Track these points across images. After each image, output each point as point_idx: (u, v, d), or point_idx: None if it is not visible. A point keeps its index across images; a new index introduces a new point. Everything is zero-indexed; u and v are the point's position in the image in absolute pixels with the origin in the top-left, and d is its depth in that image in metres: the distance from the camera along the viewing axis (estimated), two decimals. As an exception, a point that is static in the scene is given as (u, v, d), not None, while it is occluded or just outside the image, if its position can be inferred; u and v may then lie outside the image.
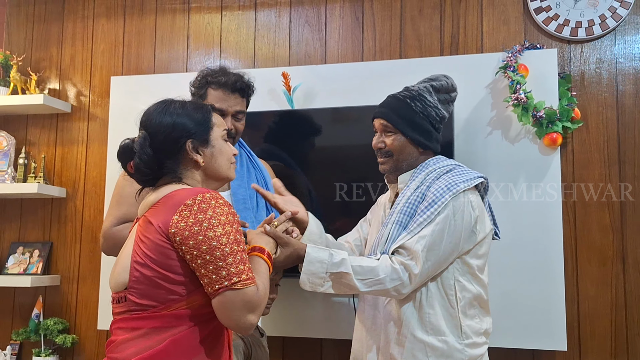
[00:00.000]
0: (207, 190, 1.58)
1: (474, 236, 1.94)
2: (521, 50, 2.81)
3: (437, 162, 2.05)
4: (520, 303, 2.71)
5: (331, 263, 1.84)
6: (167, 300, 1.52)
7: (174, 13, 3.35)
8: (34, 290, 3.29)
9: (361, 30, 3.13)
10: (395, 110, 2.06)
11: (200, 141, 1.67)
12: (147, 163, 1.64)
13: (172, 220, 1.52)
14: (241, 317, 1.50)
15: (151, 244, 1.53)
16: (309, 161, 2.89)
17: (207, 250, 1.49)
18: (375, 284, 1.85)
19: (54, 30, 3.50)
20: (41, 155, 3.35)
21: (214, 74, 2.31)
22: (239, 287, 1.49)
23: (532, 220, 2.74)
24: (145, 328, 1.52)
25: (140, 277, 1.53)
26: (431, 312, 1.92)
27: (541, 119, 2.70)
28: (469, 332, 1.93)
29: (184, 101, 1.74)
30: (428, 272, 1.88)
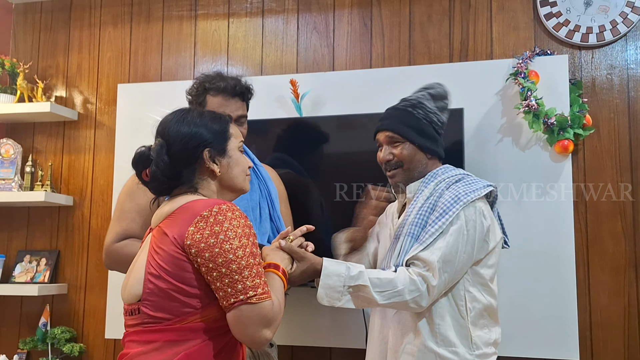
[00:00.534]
0: (223, 202, 1.56)
1: (486, 245, 1.95)
2: (531, 57, 2.78)
3: (446, 172, 2.04)
4: (532, 312, 2.68)
5: (349, 276, 1.83)
6: (181, 313, 1.50)
7: (181, 20, 3.33)
8: (41, 298, 3.27)
9: (369, 37, 3.11)
10: (399, 119, 2.06)
11: (218, 151, 1.65)
12: (163, 171, 1.61)
13: (187, 231, 1.50)
14: (256, 332, 1.48)
15: (166, 255, 1.51)
16: (317, 169, 2.87)
17: (222, 263, 1.47)
18: (393, 296, 1.84)
19: (60, 38, 3.49)
20: (48, 164, 3.34)
21: (211, 80, 2.28)
22: (255, 301, 1.47)
23: (544, 227, 2.71)
24: (159, 341, 1.50)
25: (155, 289, 1.51)
26: (441, 323, 1.91)
27: (552, 125, 2.68)
28: (479, 342, 1.93)
29: (201, 111, 1.74)
30: (445, 283, 1.88)
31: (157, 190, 1.67)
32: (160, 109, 2.93)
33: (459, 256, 1.88)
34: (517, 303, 2.69)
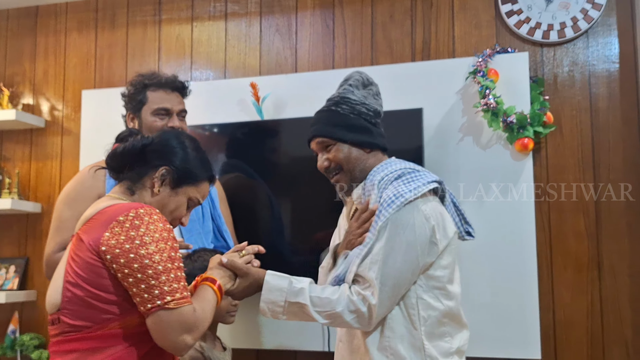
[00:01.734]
0: (141, 206, 1.54)
1: (435, 247, 1.77)
2: (491, 55, 2.76)
3: (387, 167, 1.88)
4: (495, 312, 2.67)
5: (290, 292, 1.75)
6: (101, 320, 1.48)
7: (145, 25, 3.33)
8: (10, 306, 3.28)
9: (332, 38, 3.09)
10: (325, 122, 1.93)
11: (173, 180, 1.65)
12: (123, 155, 1.66)
13: (103, 237, 1.48)
14: (176, 338, 1.47)
15: (82, 262, 1.50)
16: (274, 172, 2.86)
17: (138, 269, 1.45)
18: (333, 317, 1.74)
19: (27, 44, 3.49)
20: (15, 171, 3.34)
21: (150, 76, 2.31)
22: (173, 306, 1.45)
23: (505, 227, 2.69)
24: (79, 350, 1.48)
25: (73, 297, 1.49)
26: (391, 336, 1.76)
27: (512, 124, 2.66)
28: (435, 354, 1.76)
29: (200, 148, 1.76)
30: (389, 297, 1.73)
31: (110, 168, 1.70)
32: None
33: (400, 265, 1.73)
34: (479, 303, 2.67)
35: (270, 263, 2.09)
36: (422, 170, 1.89)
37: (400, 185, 1.80)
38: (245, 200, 2.84)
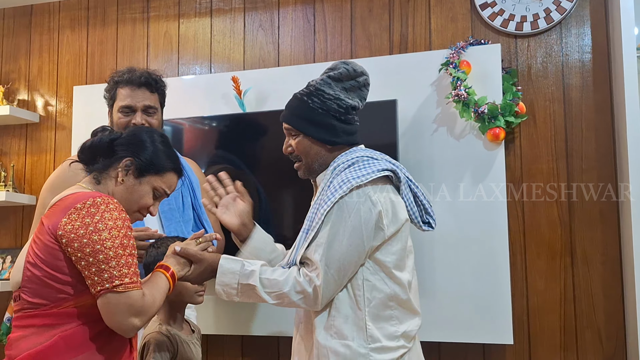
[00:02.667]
0: (99, 195, 1.65)
1: (381, 232, 1.81)
2: (464, 47, 2.82)
3: (345, 156, 1.92)
4: (469, 298, 2.72)
5: (242, 274, 1.82)
6: (56, 299, 1.59)
7: (134, 22, 3.43)
8: (7, 294, 3.40)
9: (313, 32, 3.17)
10: (294, 111, 1.96)
11: (137, 169, 1.76)
12: (92, 148, 1.79)
13: (60, 222, 1.59)
14: (123, 320, 1.58)
15: (42, 245, 1.61)
16: (259, 163, 2.95)
17: (90, 253, 1.56)
18: (281, 297, 1.81)
19: (22, 42, 3.61)
20: (11, 164, 3.46)
21: (120, 73, 2.39)
22: (121, 290, 1.56)
23: (477, 216, 2.75)
24: (36, 326, 1.59)
25: (32, 276, 1.61)
26: (336, 315, 1.82)
27: (483, 114, 2.72)
28: (378, 335, 1.81)
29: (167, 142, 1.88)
30: (334, 279, 1.78)
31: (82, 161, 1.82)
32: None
33: (345, 248, 1.78)
34: (453, 289, 2.74)
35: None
36: (380, 159, 1.92)
37: (350, 172, 1.84)
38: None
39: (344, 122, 1.95)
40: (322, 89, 1.94)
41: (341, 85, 1.96)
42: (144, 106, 2.36)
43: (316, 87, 1.95)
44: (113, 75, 2.41)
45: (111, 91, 2.39)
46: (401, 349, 1.84)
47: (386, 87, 2.86)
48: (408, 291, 1.88)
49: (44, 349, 1.56)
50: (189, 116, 3.06)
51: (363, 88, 2.00)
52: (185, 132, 3.06)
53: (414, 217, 1.98)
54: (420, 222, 2.01)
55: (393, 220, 1.84)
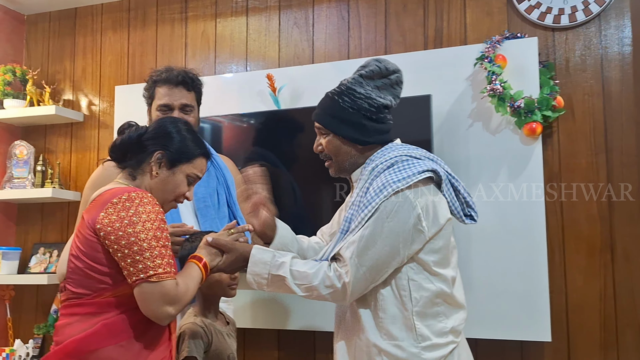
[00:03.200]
0: (134, 190, 1.72)
1: (422, 234, 1.79)
2: (500, 41, 2.79)
3: (383, 155, 1.89)
4: (506, 295, 2.70)
5: (273, 265, 1.85)
6: (97, 289, 1.67)
7: (173, 22, 3.51)
8: (54, 287, 3.52)
9: (347, 29, 3.18)
10: (325, 109, 1.95)
11: (169, 160, 1.81)
12: (120, 146, 1.84)
13: (98, 216, 1.67)
14: (158, 308, 1.64)
15: (82, 238, 1.70)
16: (294, 159, 2.98)
17: (125, 245, 1.63)
18: (310, 290, 1.82)
19: (67, 44, 3.73)
20: (57, 162, 3.58)
21: (158, 73, 2.43)
22: (155, 279, 1.62)
23: (515, 211, 2.72)
24: (80, 314, 1.68)
25: (75, 268, 1.70)
26: (384, 317, 1.82)
27: (519, 108, 2.68)
28: (428, 333, 1.80)
29: (191, 129, 1.92)
30: (365, 278, 1.79)
31: (114, 159, 1.87)
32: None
33: (378, 250, 1.77)
34: (488, 286, 2.72)
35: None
36: (421, 157, 1.90)
37: (390, 174, 1.82)
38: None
39: (375, 121, 1.93)
40: (353, 88, 1.93)
41: (373, 84, 1.93)
42: (181, 104, 2.41)
43: (347, 86, 1.94)
44: (152, 75, 2.46)
45: (150, 90, 2.45)
46: (451, 345, 1.83)
47: (420, 83, 2.85)
48: (452, 286, 1.87)
49: (88, 335, 1.64)
50: (226, 113, 3.11)
51: (395, 86, 1.97)
52: (222, 130, 3.12)
53: (455, 211, 1.95)
54: (462, 215, 1.99)
55: (434, 222, 1.82)
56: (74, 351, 1.65)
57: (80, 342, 1.65)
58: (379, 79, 1.94)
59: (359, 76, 1.95)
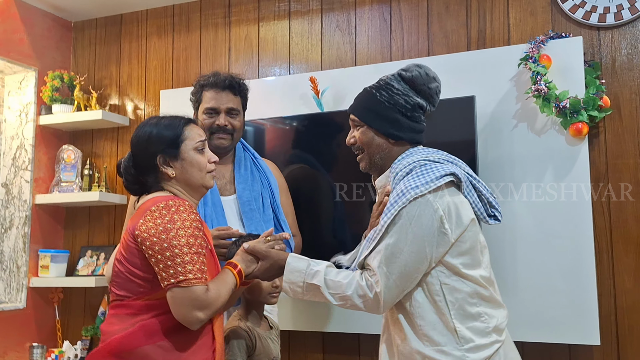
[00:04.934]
0: (172, 198, 1.79)
1: (446, 237, 1.80)
2: (544, 41, 2.77)
3: (404, 159, 1.91)
4: (553, 297, 2.67)
5: (307, 274, 1.86)
6: (137, 292, 1.76)
7: (217, 27, 3.56)
8: (101, 289, 3.59)
9: (389, 31, 3.19)
10: (362, 102, 1.99)
11: (170, 155, 1.86)
12: (130, 182, 1.91)
13: (138, 224, 1.74)
14: (188, 313, 1.70)
15: (125, 244, 1.78)
16: (335, 162, 2.99)
17: (159, 251, 1.70)
18: (344, 299, 1.83)
19: (113, 50, 3.81)
20: (103, 166, 3.66)
21: (206, 77, 2.50)
22: (185, 285, 1.68)
23: (561, 212, 2.69)
24: (122, 314, 1.77)
25: (118, 272, 1.79)
26: (422, 324, 1.81)
27: (565, 109, 2.66)
28: (470, 335, 1.79)
29: (160, 117, 1.94)
30: (396, 285, 1.78)
31: (133, 193, 1.95)
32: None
33: (406, 256, 1.77)
34: (534, 287, 2.69)
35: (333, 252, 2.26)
36: (439, 160, 1.90)
37: (409, 180, 1.83)
38: (308, 190, 3.00)
39: (409, 119, 1.95)
40: (391, 84, 1.96)
41: (413, 87, 1.96)
42: (227, 108, 2.46)
43: (386, 82, 1.97)
44: (199, 79, 2.52)
45: (197, 94, 2.51)
46: (495, 344, 1.82)
47: (464, 84, 2.84)
48: (487, 286, 1.86)
49: (127, 335, 1.73)
50: (269, 117, 3.14)
51: (435, 95, 1.99)
52: (265, 132, 3.15)
53: (479, 212, 1.95)
54: (486, 216, 1.98)
55: (457, 223, 1.82)
56: (115, 349, 1.73)
57: (120, 341, 1.73)
58: (419, 85, 1.96)
59: (399, 75, 1.99)
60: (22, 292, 3.50)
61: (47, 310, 3.66)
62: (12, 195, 3.58)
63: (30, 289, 3.53)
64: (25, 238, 3.52)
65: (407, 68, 1.99)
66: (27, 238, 3.53)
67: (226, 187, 2.52)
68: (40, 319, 3.61)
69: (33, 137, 3.59)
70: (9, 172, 3.61)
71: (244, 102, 2.55)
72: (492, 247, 2.04)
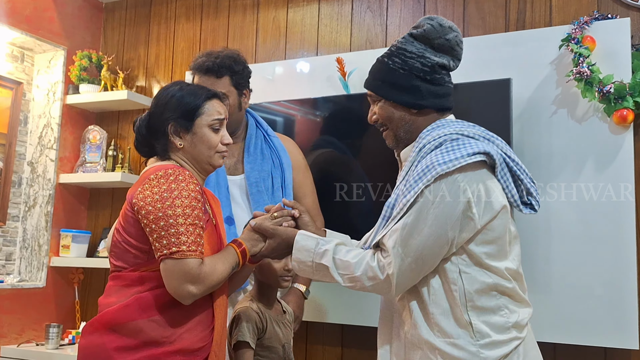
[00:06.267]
0: (172, 167, 1.68)
1: (471, 222, 1.62)
2: (589, 22, 2.58)
3: (434, 130, 1.71)
4: (589, 297, 2.48)
5: (316, 253, 1.73)
6: (134, 264, 1.68)
7: (245, 9, 3.47)
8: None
9: (422, 12, 3.04)
10: (375, 74, 1.81)
11: (182, 126, 1.76)
12: (140, 143, 1.83)
13: (136, 192, 1.65)
14: (179, 286, 1.60)
15: (123, 213, 1.70)
16: (361, 146, 2.86)
17: (153, 220, 1.60)
18: (353, 281, 1.68)
19: (142, 31, 3.76)
20: (127, 147, 3.60)
21: (196, 59, 2.35)
22: (178, 256, 1.58)
23: (601, 206, 2.50)
24: (118, 285, 1.69)
25: (116, 241, 1.71)
26: (436, 312, 1.65)
27: (609, 94, 2.47)
28: (486, 329, 1.62)
29: (186, 84, 1.83)
30: (411, 269, 1.62)
31: (143, 154, 1.87)
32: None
33: (424, 238, 1.60)
34: (569, 286, 2.51)
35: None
36: (474, 136, 1.70)
37: (437, 155, 1.64)
38: (335, 174, 2.87)
39: (430, 83, 1.74)
40: (403, 47, 1.76)
41: (428, 44, 1.76)
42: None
43: (397, 47, 1.77)
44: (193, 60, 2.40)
45: (192, 78, 2.38)
46: (514, 341, 1.64)
47: (499, 66, 2.69)
48: (512, 279, 1.68)
49: (121, 307, 1.64)
50: (294, 98, 3.03)
51: (455, 47, 1.77)
52: (291, 115, 3.04)
53: (513, 199, 1.73)
54: (520, 203, 1.76)
55: (486, 209, 1.63)
56: (109, 322, 1.65)
57: (115, 314, 1.65)
58: (434, 39, 1.75)
59: (409, 35, 1.78)
60: (43, 271, 3.46)
61: (67, 290, 3.62)
62: (37, 173, 3.55)
63: (51, 268, 3.50)
64: (47, 217, 3.49)
65: (418, 24, 1.79)
66: (50, 217, 3.49)
67: (236, 166, 2.40)
68: (60, 298, 3.57)
69: (59, 116, 3.55)
70: (34, 151, 3.58)
71: (236, 82, 2.33)
72: (523, 241, 1.85)
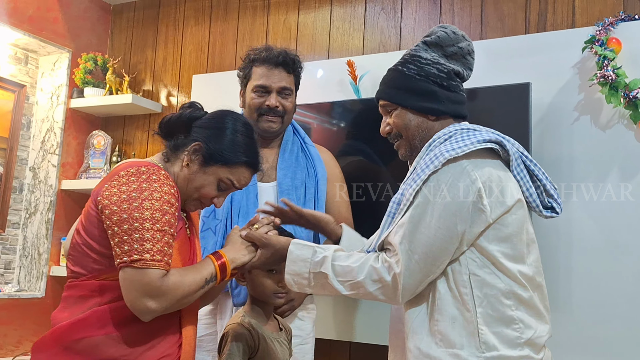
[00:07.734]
0: (146, 164, 1.52)
1: (482, 215, 1.49)
2: (614, 23, 2.43)
3: (442, 131, 1.65)
4: (614, 318, 2.32)
5: (313, 262, 1.60)
6: (93, 270, 1.49)
7: (255, 11, 3.36)
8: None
9: (438, 14, 2.90)
10: (389, 83, 1.74)
11: (204, 157, 1.60)
12: (171, 123, 1.65)
13: (102, 188, 1.48)
14: (136, 299, 1.41)
15: (86, 211, 1.52)
16: (371, 149, 2.71)
17: (116, 222, 1.42)
18: (356, 287, 1.56)
19: (149, 34, 3.67)
20: (132, 153, 3.49)
21: (257, 51, 2.24)
22: (138, 265, 1.40)
23: (627, 219, 2.34)
24: (75, 297, 1.51)
25: (75, 244, 1.53)
26: (440, 318, 1.51)
27: (635, 100, 2.30)
28: (494, 342, 1.48)
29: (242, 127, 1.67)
30: (419, 268, 1.50)
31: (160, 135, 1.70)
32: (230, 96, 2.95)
33: (432, 231, 1.49)
34: (592, 306, 2.36)
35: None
36: (484, 130, 1.63)
37: (445, 145, 1.56)
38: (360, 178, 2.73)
39: (446, 89, 1.68)
40: (418, 55, 1.71)
41: (441, 52, 1.71)
42: (279, 87, 2.21)
43: (411, 54, 1.72)
44: (249, 53, 2.28)
45: (246, 69, 2.27)
46: None
47: (518, 70, 2.54)
48: (529, 288, 1.53)
49: (76, 321, 1.47)
50: (305, 103, 2.90)
51: (467, 56, 1.73)
52: (306, 123, 2.91)
53: (531, 199, 1.62)
54: (539, 204, 1.64)
55: (499, 201, 1.52)
56: (61, 338, 1.46)
57: (67, 329, 1.46)
58: (447, 47, 1.70)
59: (423, 43, 1.72)
60: (42, 280, 3.35)
61: (67, 301, 3.50)
62: (38, 179, 3.46)
63: (51, 277, 3.38)
64: (48, 224, 3.39)
65: (430, 32, 1.74)
66: (51, 224, 3.38)
67: (268, 172, 2.25)
68: (59, 310, 3.45)
69: (63, 121, 3.46)
70: (37, 156, 3.49)
71: (297, 82, 2.30)
72: (543, 252, 1.70)
